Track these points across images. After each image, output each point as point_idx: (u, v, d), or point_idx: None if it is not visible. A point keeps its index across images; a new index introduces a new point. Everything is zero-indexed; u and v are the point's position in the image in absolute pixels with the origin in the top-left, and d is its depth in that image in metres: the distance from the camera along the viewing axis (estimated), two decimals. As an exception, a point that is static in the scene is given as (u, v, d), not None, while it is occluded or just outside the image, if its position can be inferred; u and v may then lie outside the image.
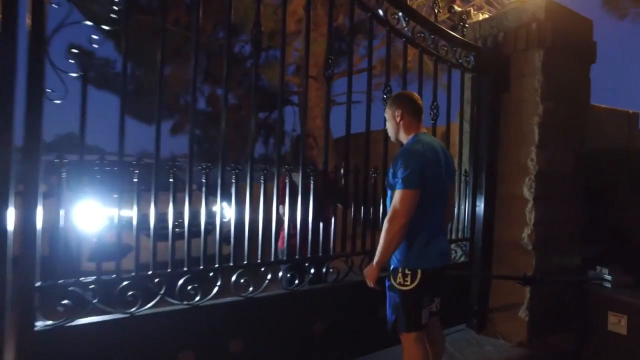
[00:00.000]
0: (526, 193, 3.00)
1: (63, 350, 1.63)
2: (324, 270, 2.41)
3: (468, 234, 3.18)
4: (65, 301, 1.64)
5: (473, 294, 3.17)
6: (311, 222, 2.35)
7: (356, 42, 8.36)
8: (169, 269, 1.91)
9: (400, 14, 2.61)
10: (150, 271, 1.86)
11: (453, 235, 3.11)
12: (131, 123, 9.75)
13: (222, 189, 2.04)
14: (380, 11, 2.55)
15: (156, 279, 1.86)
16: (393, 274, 1.91)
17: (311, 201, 2.34)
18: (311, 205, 2.34)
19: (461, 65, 3.09)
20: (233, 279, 2.08)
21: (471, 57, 3.13)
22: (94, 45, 1.64)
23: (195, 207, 2.00)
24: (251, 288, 2.13)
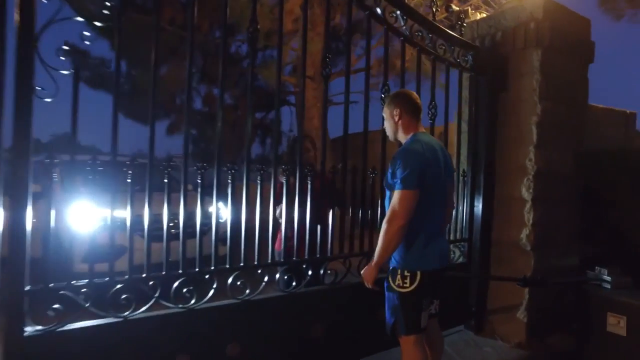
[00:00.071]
0: (524, 193, 2.99)
1: (54, 356, 1.59)
2: (322, 272, 2.39)
3: (466, 235, 3.17)
4: (56, 305, 1.59)
5: (471, 295, 3.16)
6: (308, 223, 2.32)
7: (353, 42, 8.35)
8: (164, 272, 1.88)
9: (398, 13, 2.59)
10: (144, 274, 1.82)
11: (451, 236, 3.09)
12: (128, 123, 9.70)
13: (219, 190, 2.01)
14: (378, 9, 2.52)
15: (150, 282, 1.83)
16: (392, 276, 1.88)
17: (308, 202, 2.31)
18: (308, 206, 2.31)
19: (459, 64, 3.07)
20: (229, 282, 2.05)
21: (469, 57, 3.11)
22: (86, 42, 1.60)
23: (190, 208, 1.97)
24: (248, 290, 2.10)
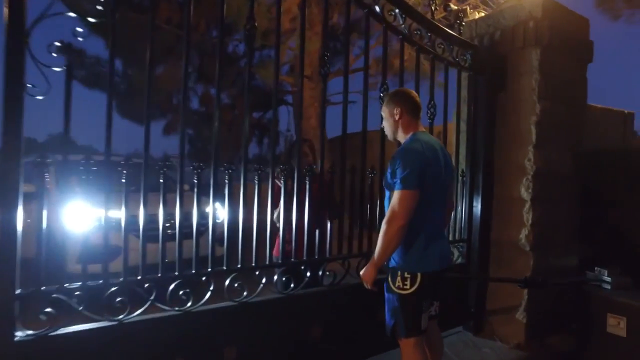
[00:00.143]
0: (523, 193, 2.97)
1: (46, 361, 1.55)
2: (320, 273, 2.36)
3: (465, 235, 3.15)
4: (48, 309, 1.55)
5: (470, 296, 3.14)
6: (307, 225, 2.29)
7: (351, 42, 8.33)
8: (160, 274, 1.84)
9: (397, 11, 2.57)
10: (139, 276, 1.79)
11: (450, 236, 3.07)
12: (125, 123, 9.64)
13: (215, 190, 1.97)
14: (376, 8, 2.50)
15: (146, 284, 1.79)
16: (392, 277, 1.86)
17: (307, 203, 2.28)
18: (307, 207, 2.28)
19: (458, 64, 3.05)
20: (226, 284, 2.02)
21: (468, 56, 3.10)
22: (79, 38, 1.56)
23: (187, 208, 1.93)
24: (245, 292, 2.07)
